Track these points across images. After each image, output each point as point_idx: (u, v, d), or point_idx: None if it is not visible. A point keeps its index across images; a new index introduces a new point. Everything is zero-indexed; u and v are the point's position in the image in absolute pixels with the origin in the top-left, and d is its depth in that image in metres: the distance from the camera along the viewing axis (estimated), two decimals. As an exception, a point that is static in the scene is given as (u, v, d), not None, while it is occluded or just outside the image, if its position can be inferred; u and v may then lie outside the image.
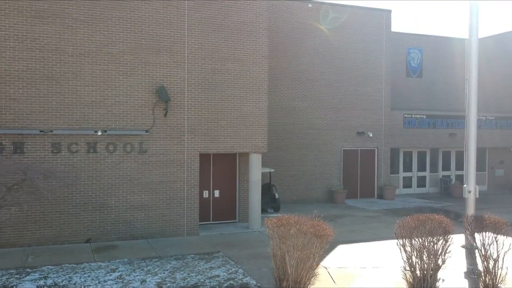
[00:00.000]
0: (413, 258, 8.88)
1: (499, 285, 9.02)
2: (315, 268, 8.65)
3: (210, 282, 10.04)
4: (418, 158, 25.27)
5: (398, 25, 67.05)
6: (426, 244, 8.64)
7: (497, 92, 26.66)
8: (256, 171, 15.31)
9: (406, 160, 24.94)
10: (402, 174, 24.84)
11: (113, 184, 13.47)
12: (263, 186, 19.08)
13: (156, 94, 13.73)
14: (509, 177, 27.02)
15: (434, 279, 8.86)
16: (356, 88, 22.20)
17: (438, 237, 8.69)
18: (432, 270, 8.79)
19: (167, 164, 14.00)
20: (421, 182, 25.37)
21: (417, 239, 8.74)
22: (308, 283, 8.71)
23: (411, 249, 8.87)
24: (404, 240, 8.97)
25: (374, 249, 12.84)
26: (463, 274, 10.55)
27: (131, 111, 13.62)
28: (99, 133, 13.21)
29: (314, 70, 21.47)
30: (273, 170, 19.30)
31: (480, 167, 26.78)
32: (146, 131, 13.67)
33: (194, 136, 14.29)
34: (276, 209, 18.70)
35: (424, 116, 23.68)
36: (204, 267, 11.08)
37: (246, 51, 14.85)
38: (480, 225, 9.01)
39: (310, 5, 21.33)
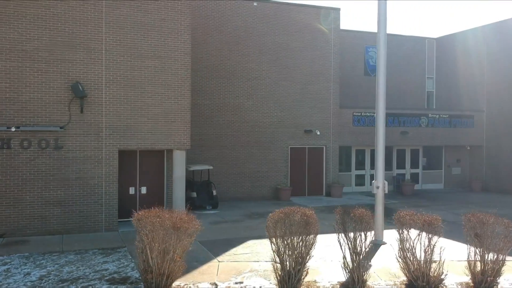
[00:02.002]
0: (281, 250, 8.96)
1: (364, 277, 9.10)
2: (178, 260, 8.72)
3: (94, 275, 10.14)
4: (371, 156, 25.32)
5: (358, 24, 67.00)
6: (288, 237, 8.71)
7: (497, 84, 26.12)
8: (179, 168, 15.41)
9: (358, 158, 25.02)
10: (354, 172, 24.92)
11: (28, 179, 13.57)
12: (201, 183, 19.25)
13: (72, 90, 13.84)
14: (466, 175, 27.06)
15: (300, 271, 8.93)
16: (303, 86, 22.27)
17: (301, 229, 8.76)
18: (295, 263, 8.85)
19: (84, 160, 14.11)
20: (375, 180, 25.38)
21: (280, 232, 8.81)
22: (173, 275, 8.80)
23: (278, 242, 8.94)
24: (274, 233, 9.04)
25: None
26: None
27: (47, 108, 13.73)
28: (13, 129, 13.32)
29: (260, 68, 21.57)
30: (211, 167, 19.41)
31: (436, 165, 26.97)
32: (61, 128, 13.77)
33: (113, 133, 14.39)
34: (215, 206, 18.81)
35: (374, 114, 23.67)
36: (99, 261, 11.17)
37: (167, 48, 14.95)
38: (347, 218, 9.08)
39: (255, 4, 21.43)
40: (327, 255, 11.64)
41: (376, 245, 12.85)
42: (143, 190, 15.91)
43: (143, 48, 14.70)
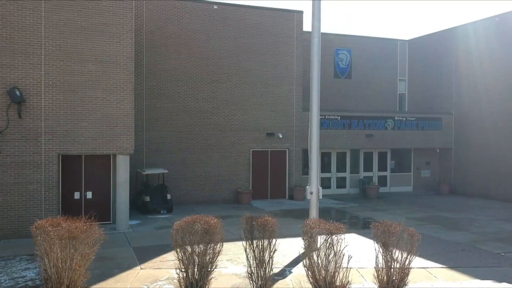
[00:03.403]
0: (184, 259, 8.90)
1: (267, 286, 9.03)
2: (78, 269, 8.65)
3: (8, 283, 10.10)
4: (337, 159, 25.26)
5: (327, 26, 66.46)
6: (187, 246, 8.66)
7: (464, 86, 25.57)
8: (123, 173, 15.34)
9: (324, 160, 24.93)
10: (320, 175, 24.73)
11: (-36, 185, 13.54)
12: (155, 187, 19.18)
13: (8, 96, 13.79)
14: (436, 177, 26.94)
15: (202, 280, 8.86)
16: (266, 89, 22.20)
17: (201, 238, 8.70)
18: (198, 272, 8.79)
19: (22, 166, 14.05)
20: (341, 183, 25.36)
21: (182, 241, 8.76)
22: (74, 285, 8.73)
23: (181, 250, 8.88)
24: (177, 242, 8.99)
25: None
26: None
27: (-16, 113, 13.69)
28: None
29: (221, 71, 21.49)
30: (166, 171, 19.34)
31: (405, 168, 26.88)
32: (-2, 133, 13.74)
33: (52, 138, 14.33)
34: (169, 210, 18.74)
35: (339, 117, 23.65)
36: (21, 267, 11.13)
37: (109, 52, 14.89)
38: (251, 225, 9.01)
39: (215, 7, 21.35)
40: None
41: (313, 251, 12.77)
42: (89, 195, 15.83)
43: (84, 53, 14.64)
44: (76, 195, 15.71)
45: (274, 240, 9.02)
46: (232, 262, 11.64)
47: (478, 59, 24.45)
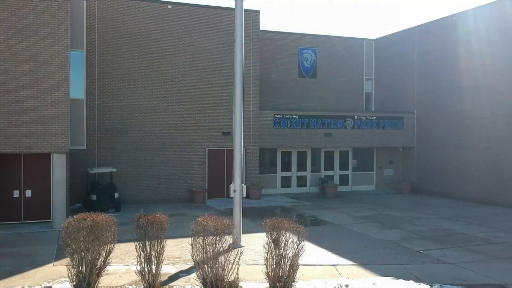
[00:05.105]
0: (74, 255, 9.01)
1: (156, 284, 9.14)
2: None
3: None
4: (298, 158, 25.34)
5: (292, 26, 66.48)
6: (73, 243, 8.78)
7: (426, 86, 25.90)
8: (59, 171, 15.47)
9: (284, 159, 25.02)
10: (280, 173, 24.93)
11: None
12: (103, 186, 19.27)
13: None
14: (400, 176, 26.99)
15: (91, 277, 8.98)
16: (221, 89, 22.29)
17: (87, 235, 8.81)
18: (87, 268, 8.91)
19: (-46, 164, 14.20)
20: (302, 182, 25.42)
21: (69, 238, 8.88)
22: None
23: (70, 248, 9.00)
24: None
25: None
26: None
27: None
28: None
29: (175, 71, 21.60)
30: (114, 169, 19.46)
31: (368, 167, 26.94)
32: None
33: (-15, 137, 14.48)
34: (118, 209, 18.81)
35: (297, 117, 23.71)
36: None
37: (44, 52, 15.01)
38: (145, 223, 9.12)
39: (169, 6, 21.47)
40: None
41: (234, 249, 12.87)
42: (28, 193, 15.96)
43: (18, 52, 14.77)
44: (15, 194, 15.84)
45: (165, 241, 9.12)
46: (147, 260, 11.72)
47: (438, 57, 24.49)
